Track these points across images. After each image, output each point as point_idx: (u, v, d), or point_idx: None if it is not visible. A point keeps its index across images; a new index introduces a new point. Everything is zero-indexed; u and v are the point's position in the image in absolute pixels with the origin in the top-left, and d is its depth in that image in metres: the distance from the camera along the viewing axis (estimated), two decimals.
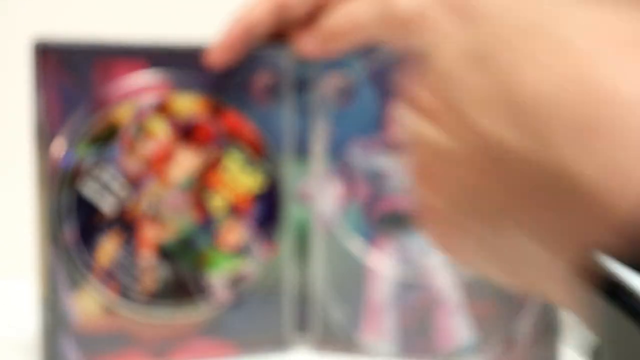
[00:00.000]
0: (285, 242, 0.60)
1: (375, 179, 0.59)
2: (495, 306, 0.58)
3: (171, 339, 0.57)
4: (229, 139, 0.57)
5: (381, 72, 0.59)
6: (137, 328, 0.56)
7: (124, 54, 0.54)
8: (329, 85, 0.60)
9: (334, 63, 0.58)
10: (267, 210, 0.59)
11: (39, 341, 0.52)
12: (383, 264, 0.59)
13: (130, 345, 0.56)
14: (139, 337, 0.56)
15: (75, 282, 0.54)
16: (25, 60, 0.52)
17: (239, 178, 0.57)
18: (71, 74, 0.53)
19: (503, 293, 0.57)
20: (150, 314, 0.56)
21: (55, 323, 0.53)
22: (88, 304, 0.54)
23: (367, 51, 0.58)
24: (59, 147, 0.53)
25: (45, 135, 0.52)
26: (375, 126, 0.59)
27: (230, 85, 0.58)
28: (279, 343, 0.60)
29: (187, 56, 0.56)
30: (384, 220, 0.59)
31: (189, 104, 0.56)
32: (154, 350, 0.56)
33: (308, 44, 0.54)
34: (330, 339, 0.60)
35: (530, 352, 0.57)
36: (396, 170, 0.59)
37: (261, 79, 0.59)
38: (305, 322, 0.60)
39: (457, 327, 0.58)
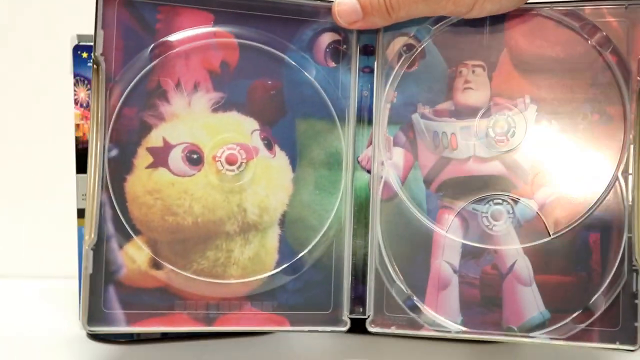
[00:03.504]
0: (346, 210, 0.60)
1: (439, 146, 0.59)
2: (569, 279, 0.56)
3: (220, 305, 0.56)
4: None
5: (446, 38, 0.60)
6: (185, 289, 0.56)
7: (190, 4, 0.56)
8: (394, 49, 0.60)
9: (399, 27, 0.59)
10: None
11: (83, 290, 0.54)
12: (448, 233, 0.58)
13: (177, 307, 0.55)
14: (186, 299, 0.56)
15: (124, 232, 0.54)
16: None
17: None
18: (136, 18, 0.54)
19: (578, 264, 0.56)
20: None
21: (101, 272, 0.54)
22: (137, 255, 0.54)
23: (431, 18, 0.59)
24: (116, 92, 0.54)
25: (103, 76, 0.53)
26: (440, 92, 0.59)
27: (296, 44, 0.58)
28: (335, 319, 0.59)
29: (253, 14, 0.57)
30: (448, 187, 0.59)
31: None
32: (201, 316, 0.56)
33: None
34: (392, 314, 0.59)
35: (608, 330, 0.55)
36: (459, 137, 0.59)
37: (326, 40, 0.60)
38: (364, 296, 0.59)
39: (528, 301, 0.57)
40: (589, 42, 0.57)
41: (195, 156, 0.57)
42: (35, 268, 0.55)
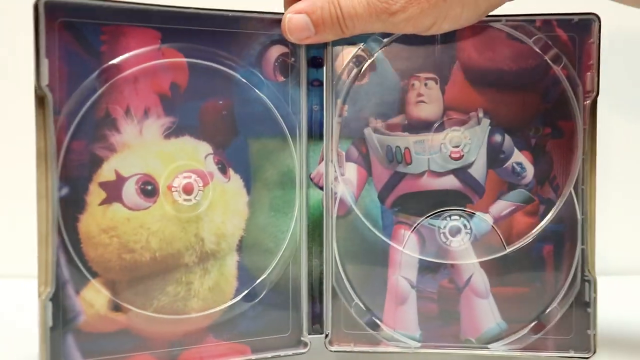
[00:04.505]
0: (302, 230, 0.59)
1: (393, 160, 0.59)
2: (525, 290, 0.58)
3: (182, 340, 0.55)
4: None
5: (397, 50, 0.59)
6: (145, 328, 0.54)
7: (135, 23, 0.53)
8: (343, 61, 0.59)
9: (349, 39, 0.58)
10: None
11: (43, 344, 0.51)
12: (405, 249, 0.59)
13: (140, 349, 0.54)
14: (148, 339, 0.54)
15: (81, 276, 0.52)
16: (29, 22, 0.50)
17: None
18: (79, 41, 0.50)
19: (533, 276, 0.58)
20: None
21: (59, 322, 0.51)
22: (95, 299, 0.52)
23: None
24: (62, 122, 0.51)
25: (50, 110, 0.50)
26: (392, 106, 0.59)
27: (244, 60, 0.56)
28: (295, 340, 0.59)
29: (200, 29, 0.55)
30: (403, 202, 0.59)
31: None
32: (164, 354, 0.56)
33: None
34: (350, 331, 0.60)
35: (563, 339, 0.58)
36: (413, 151, 0.59)
37: (274, 54, 0.58)
38: (322, 315, 0.59)
39: (485, 313, 0.59)
40: (542, 56, 0.59)
41: (149, 187, 0.54)
42: (36, 268, 0.52)
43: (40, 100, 0.50)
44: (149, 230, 0.54)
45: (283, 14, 0.58)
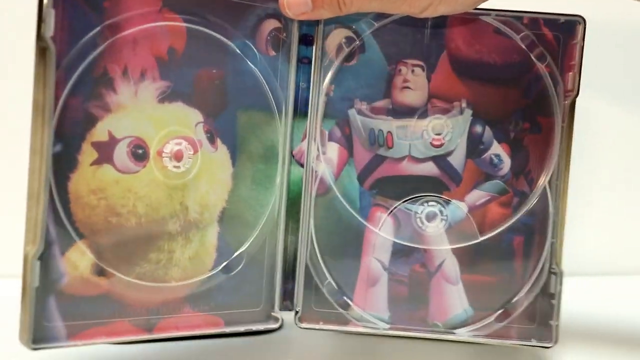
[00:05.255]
0: (281, 206, 0.60)
1: (375, 143, 0.60)
2: (494, 279, 0.61)
3: (160, 309, 0.55)
4: None
5: (387, 34, 0.60)
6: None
7: None
8: (333, 41, 0.60)
9: (340, 18, 0.59)
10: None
11: (26, 305, 0.50)
12: (380, 232, 0.60)
13: (119, 315, 0.53)
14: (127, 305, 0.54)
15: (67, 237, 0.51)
16: None
17: None
18: None
19: (502, 265, 0.60)
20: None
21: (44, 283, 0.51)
22: (80, 261, 0.51)
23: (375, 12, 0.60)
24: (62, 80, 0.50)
25: (52, 62, 0.49)
26: (378, 89, 0.60)
27: (240, 30, 0.56)
28: (266, 315, 0.59)
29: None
30: (382, 185, 0.61)
31: None
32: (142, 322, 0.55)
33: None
34: (320, 309, 0.61)
35: (527, 328, 0.61)
36: (395, 136, 0.60)
37: (268, 27, 0.58)
38: (293, 292, 0.60)
39: (453, 299, 0.61)
40: (527, 52, 0.61)
41: (140, 151, 0.54)
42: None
43: (41, 52, 0.49)
44: (137, 195, 0.54)
45: None
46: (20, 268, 0.49)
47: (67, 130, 0.51)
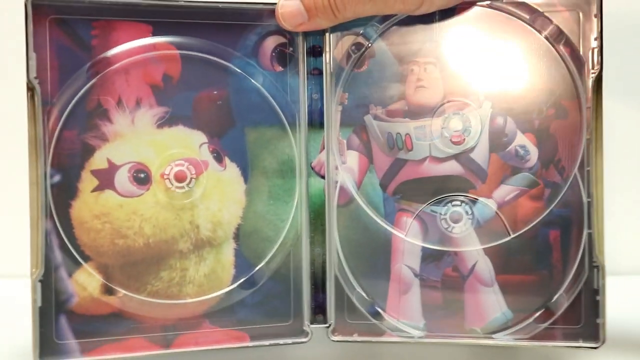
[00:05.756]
0: (303, 219, 0.60)
1: (394, 147, 0.59)
2: (531, 277, 0.57)
3: (177, 325, 0.57)
4: None
5: (395, 35, 0.60)
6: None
7: (126, 17, 0.55)
8: (342, 49, 0.60)
9: (347, 26, 0.59)
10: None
11: (33, 323, 0.55)
12: (407, 237, 0.59)
13: (133, 332, 0.56)
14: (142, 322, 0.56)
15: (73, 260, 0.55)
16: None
17: None
18: (69, 36, 0.54)
19: (539, 262, 0.57)
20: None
21: (51, 303, 0.55)
22: (88, 282, 0.55)
23: (378, 16, 0.60)
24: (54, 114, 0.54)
25: (39, 101, 0.53)
26: (392, 92, 0.60)
27: (240, 51, 0.58)
28: (297, 329, 0.60)
29: (192, 22, 0.57)
30: (405, 190, 0.59)
31: None
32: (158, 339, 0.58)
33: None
34: (353, 321, 0.60)
35: (571, 328, 0.57)
36: (414, 137, 0.59)
37: (272, 44, 0.59)
38: (325, 305, 0.60)
39: (490, 302, 0.59)
40: (541, 34, 0.58)
41: (142, 175, 0.57)
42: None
43: (30, 91, 0.54)
44: (142, 217, 0.57)
45: (276, 4, 0.60)
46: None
47: (65, 161, 0.55)
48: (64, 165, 0.56)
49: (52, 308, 0.55)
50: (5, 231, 0.95)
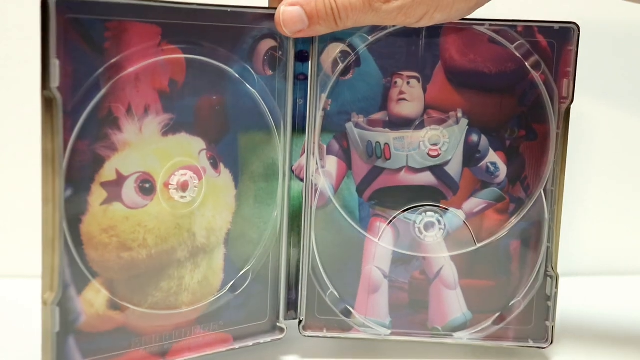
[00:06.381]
0: (283, 221, 0.62)
1: (373, 155, 0.62)
2: (491, 283, 0.63)
3: (173, 333, 0.58)
4: None
5: (382, 47, 0.62)
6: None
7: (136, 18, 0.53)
8: (328, 56, 0.62)
9: (334, 33, 0.60)
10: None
11: (48, 350, 0.53)
12: (380, 242, 0.63)
13: (134, 344, 0.57)
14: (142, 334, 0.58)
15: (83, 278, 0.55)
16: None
17: None
18: (84, 38, 0.50)
19: (499, 270, 0.63)
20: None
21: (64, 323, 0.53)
22: (95, 299, 0.54)
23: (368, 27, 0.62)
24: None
25: (60, 111, 0.51)
26: (374, 102, 0.62)
27: (237, 54, 0.58)
28: (271, 326, 0.62)
29: (198, 24, 0.56)
30: (381, 196, 0.63)
31: None
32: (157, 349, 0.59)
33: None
34: (323, 317, 0.63)
35: (523, 329, 0.64)
36: (393, 148, 0.62)
37: (264, 48, 0.59)
38: (296, 302, 0.63)
39: (452, 303, 0.64)
40: (521, 60, 0.62)
41: (147, 185, 0.56)
42: (36, 268, 0.52)
43: (48, 102, 0.51)
44: (146, 228, 0.56)
45: (275, 8, 0.60)
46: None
47: (76, 174, 0.53)
48: (76, 179, 0.53)
49: (62, 330, 0.53)
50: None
